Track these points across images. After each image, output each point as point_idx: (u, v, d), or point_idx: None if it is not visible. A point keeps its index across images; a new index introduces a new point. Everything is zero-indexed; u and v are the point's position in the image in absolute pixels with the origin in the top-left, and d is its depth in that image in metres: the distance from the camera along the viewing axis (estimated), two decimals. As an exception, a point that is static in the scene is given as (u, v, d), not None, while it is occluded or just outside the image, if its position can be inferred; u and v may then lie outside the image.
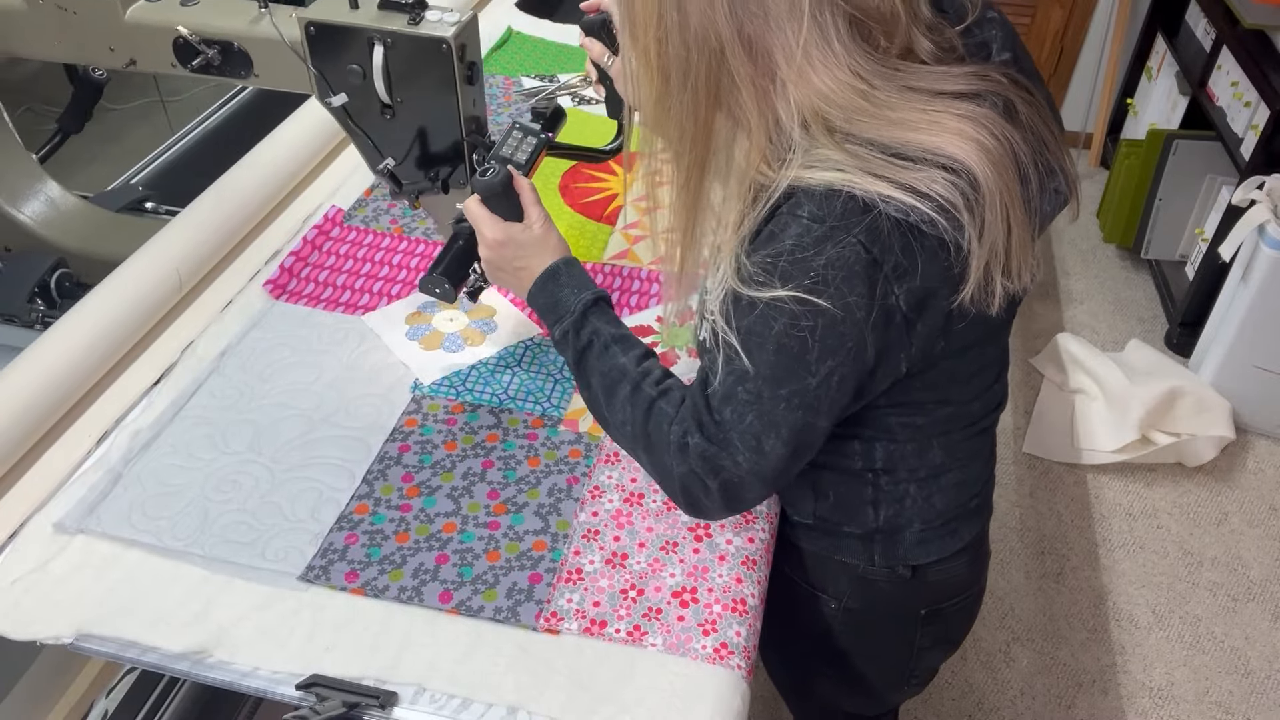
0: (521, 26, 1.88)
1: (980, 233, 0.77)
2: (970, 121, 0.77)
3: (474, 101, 1.05)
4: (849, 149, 0.76)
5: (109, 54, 1.09)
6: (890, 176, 0.75)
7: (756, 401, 0.82)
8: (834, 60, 0.76)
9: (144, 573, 0.93)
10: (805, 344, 0.79)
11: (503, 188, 0.97)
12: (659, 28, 0.78)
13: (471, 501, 1.00)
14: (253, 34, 1.05)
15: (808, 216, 0.77)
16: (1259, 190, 2.18)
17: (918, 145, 0.76)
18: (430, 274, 1.01)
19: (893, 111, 0.77)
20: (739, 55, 0.77)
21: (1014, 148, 0.79)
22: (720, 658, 0.87)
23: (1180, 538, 2.16)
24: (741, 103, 0.79)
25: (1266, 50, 2.29)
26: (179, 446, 1.05)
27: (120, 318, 1.13)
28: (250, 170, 1.36)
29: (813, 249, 0.77)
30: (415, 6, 0.98)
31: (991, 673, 1.90)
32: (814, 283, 0.77)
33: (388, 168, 1.08)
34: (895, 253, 0.76)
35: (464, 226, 1.03)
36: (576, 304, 0.95)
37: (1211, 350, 2.37)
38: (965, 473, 1.00)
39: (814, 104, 0.77)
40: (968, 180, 0.76)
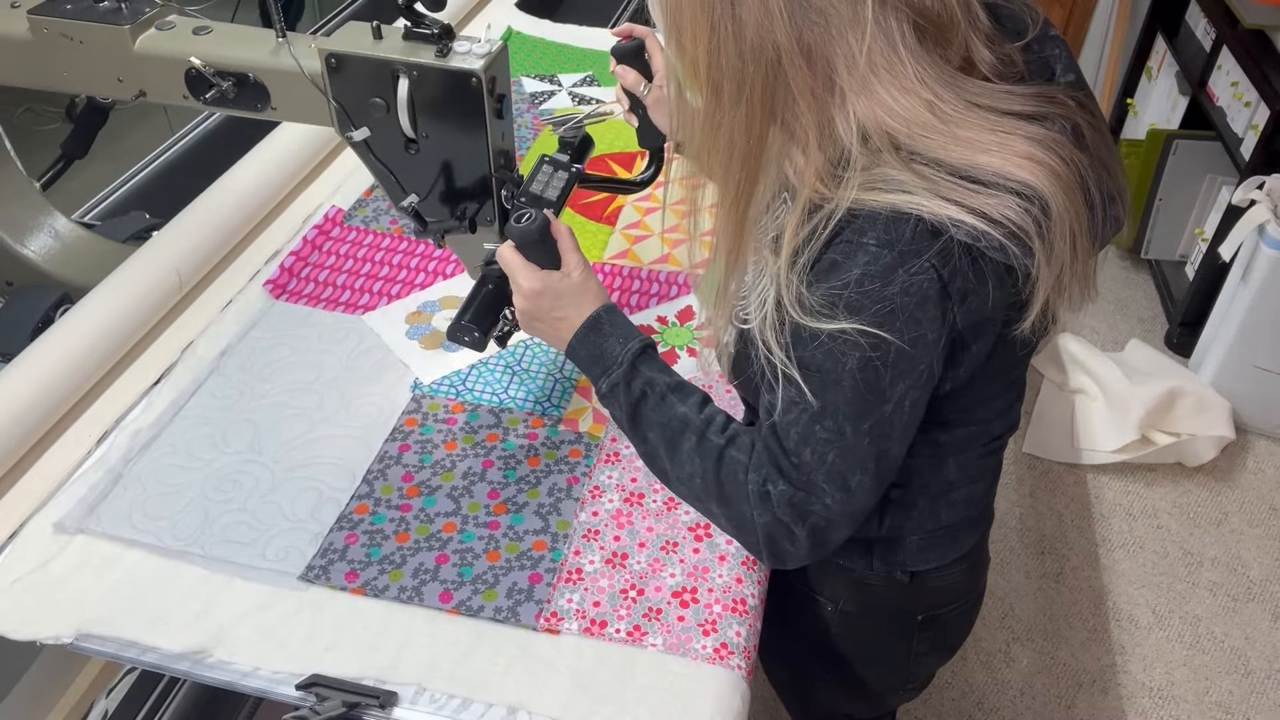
0: (521, 26, 1.88)
1: (1049, 260, 0.75)
2: (1041, 146, 0.74)
3: (503, 135, 0.99)
4: (916, 169, 0.73)
5: (118, 85, 1.03)
6: (961, 200, 0.72)
7: (838, 439, 0.79)
8: (900, 69, 0.73)
9: (144, 573, 0.93)
10: (879, 374, 0.76)
11: (540, 234, 0.91)
12: (711, 38, 0.74)
13: (471, 501, 1.00)
14: (270, 65, 0.99)
15: (875, 243, 0.74)
16: (1259, 190, 2.17)
17: (988, 168, 0.73)
18: (459, 321, 0.95)
19: (960, 130, 0.74)
20: (797, 65, 0.73)
21: (1082, 174, 0.76)
22: (720, 658, 0.87)
23: (1180, 538, 2.16)
24: (798, 115, 0.75)
25: (1266, 50, 2.29)
26: (179, 446, 1.05)
27: (120, 318, 1.13)
28: (251, 170, 1.36)
29: (882, 278, 0.74)
30: (442, 36, 0.93)
31: (991, 673, 1.90)
32: (886, 313, 0.74)
33: (411, 205, 1.03)
34: (962, 277, 0.74)
35: (493, 269, 0.97)
36: (624, 354, 0.90)
37: (1211, 350, 2.37)
38: (974, 489, 0.99)
39: (877, 116, 0.74)
40: (1039, 207, 0.73)
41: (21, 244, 1.30)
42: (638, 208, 1.42)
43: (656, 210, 1.41)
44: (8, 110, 1.54)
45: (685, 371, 1.14)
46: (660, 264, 1.31)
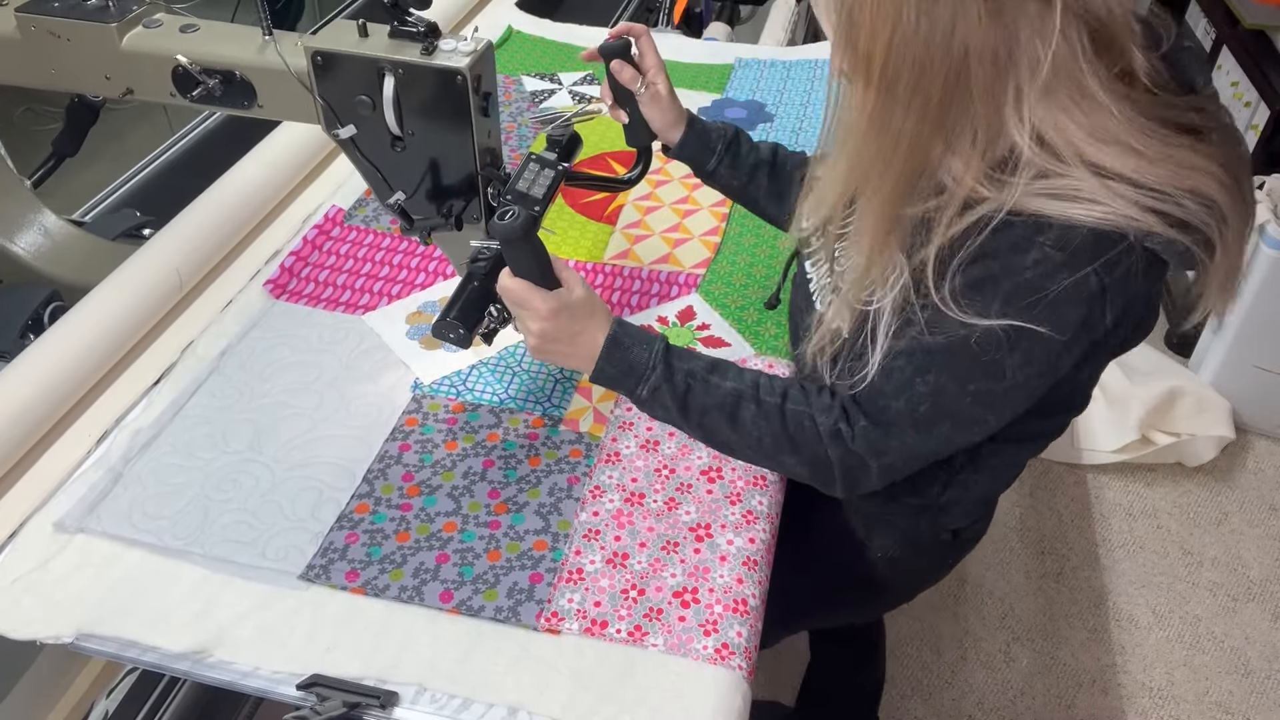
0: (522, 26, 1.87)
1: (1226, 260, 0.78)
2: (1208, 159, 0.76)
3: (489, 133, 1.00)
4: (1104, 180, 0.75)
5: (105, 83, 1.03)
6: (1154, 207, 0.74)
7: (937, 395, 0.83)
8: (1080, 77, 0.75)
9: (144, 572, 0.93)
10: (1007, 356, 0.79)
11: (523, 232, 0.90)
12: (894, 31, 0.74)
13: (472, 501, 1.00)
14: (256, 63, 1.00)
15: (1051, 245, 0.76)
16: (1259, 190, 2.18)
17: (1167, 180, 0.75)
18: (443, 318, 0.95)
19: (1133, 139, 0.75)
20: (984, 65, 0.73)
21: (1240, 181, 0.79)
22: (721, 658, 0.87)
23: (1180, 538, 2.16)
24: (970, 114, 0.76)
25: (1266, 50, 2.29)
26: (179, 446, 1.05)
27: (120, 318, 1.13)
28: (251, 170, 1.36)
29: (1047, 277, 0.76)
30: (428, 35, 0.93)
31: (991, 673, 1.90)
32: (1040, 309, 0.77)
33: (398, 202, 1.03)
34: (1126, 281, 0.77)
35: (478, 266, 0.98)
36: (653, 358, 0.94)
37: (1211, 350, 2.37)
38: (1020, 464, 1.05)
39: (1058, 121, 0.75)
40: (1219, 215, 0.76)
41: (10, 241, 1.30)
42: (638, 207, 1.42)
43: (657, 210, 1.41)
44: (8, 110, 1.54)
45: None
46: (660, 264, 1.31)
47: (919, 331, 0.82)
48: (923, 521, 1.08)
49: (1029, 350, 0.79)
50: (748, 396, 0.93)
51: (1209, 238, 0.76)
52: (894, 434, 0.87)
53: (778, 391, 0.93)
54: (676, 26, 2.18)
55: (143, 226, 1.43)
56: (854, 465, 0.90)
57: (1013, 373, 0.81)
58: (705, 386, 0.94)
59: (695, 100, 1.65)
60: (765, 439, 0.92)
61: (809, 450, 0.91)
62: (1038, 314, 0.77)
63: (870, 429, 0.87)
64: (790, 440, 0.91)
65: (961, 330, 0.80)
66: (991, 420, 0.86)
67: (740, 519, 0.98)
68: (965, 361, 0.81)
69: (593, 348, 0.94)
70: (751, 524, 0.98)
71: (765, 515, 0.99)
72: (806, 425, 0.90)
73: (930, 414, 0.85)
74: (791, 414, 0.91)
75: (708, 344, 1.18)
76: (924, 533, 1.09)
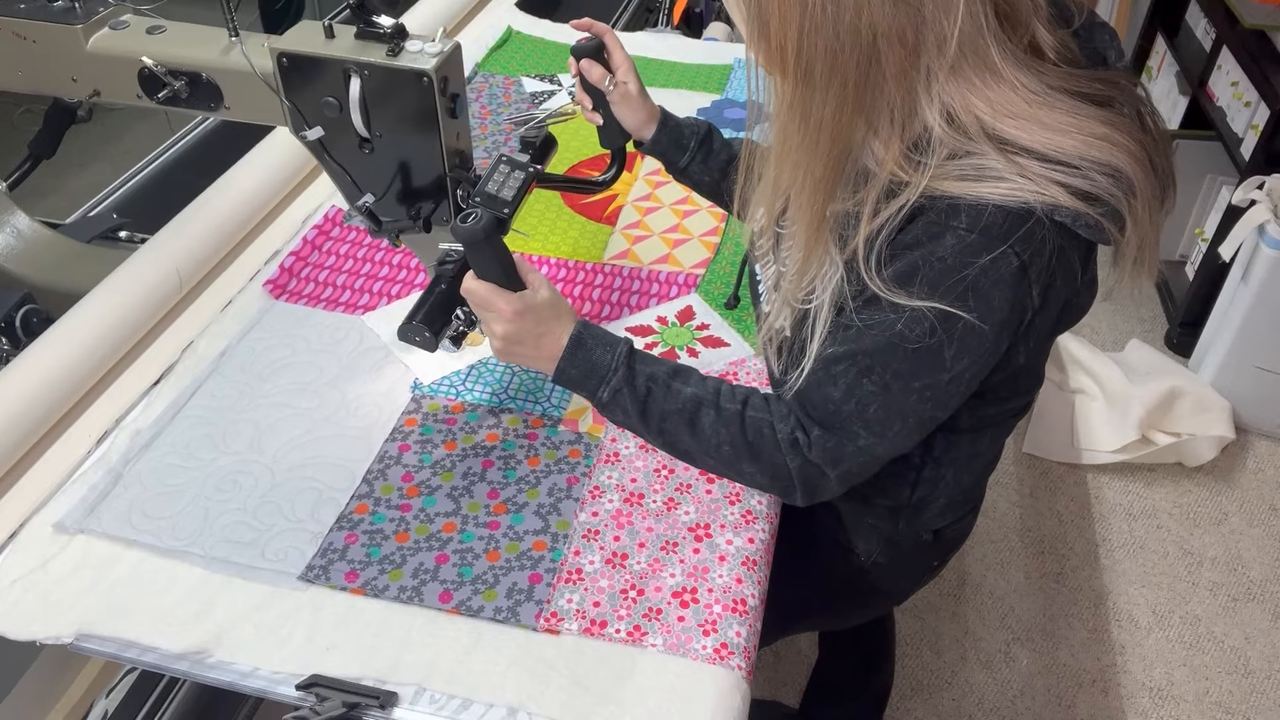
0: (521, 26, 1.87)
1: (1136, 234, 0.79)
2: (1115, 128, 0.77)
3: (458, 135, 0.99)
4: (1010, 156, 0.76)
5: (71, 85, 1.03)
6: (1060, 180, 0.75)
7: (884, 393, 0.84)
8: (985, 52, 0.75)
9: (144, 573, 0.93)
10: (944, 345, 0.80)
11: (485, 234, 0.89)
12: (804, 21, 0.75)
13: (471, 501, 1.00)
14: (222, 65, 0.99)
15: (964, 227, 0.77)
16: (1259, 190, 2.17)
17: (1073, 151, 0.76)
18: (409, 321, 0.94)
19: (1041, 113, 0.76)
20: (893, 46, 0.74)
21: (1150, 153, 0.80)
22: (720, 658, 0.87)
23: (1180, 538, 2.16)
24: (885, 95, 0.77)
25: (1266, 50, 2.29)
26: (179, 446, 1.05)
27: (120, 318, 1.13)
28: (250, 170, 1.36)
29: (966, 259, 0.77)
30: (394, 36, 0.93)
31: (991, 673, 1.90)
32: (962, 291, 0.77)
33: (366, 205, 1.03)
34: (1046, 255, 0.77)
35: (445, 269, 0.97)
36: (615, 361, 0.94)
37: (1211, 350, 2.37)
38: (994, 454, 1.06)
39: (965, 98, 0.76)
40: (1127, 185, 0.77)
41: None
42: (638, 208, 1.42)
43: (657, 210, 1.41)
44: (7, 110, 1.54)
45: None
46: (660, 264, 1.31)
47: (858, 333, 0.83)
48: (901, 523, 1.07)
49: (963, 336, 0.79)
50: (708, 403, 0.92)
51: (1117, 209, 0.77)
52: (848, 439, 0.87)
53: (739, 399, 0.92)
54: (676, 26, 2.18)
55: (119, 229, 1.42)
56: (812, 475, 0.90)
57: (951, 362, 0.81)
58: (666, 391, 0.93)
59: (695, 100, 1.65)
60: (725, 446, 0.92)
61: (768, 459, 0.91)
62: (964, 297, 0.78)
63: (824, 436, 0.87)
64: (750, 448, 0.91)
65: (897, 325, 0.80)
66: (939, 415, 0.87)
67: (739, 519, 0.98)
68: (905, 356, 0.81)
69: (556, 349, 0.94)
70: (750, 524, 0.98)
71: (764, 515, 0.99)
72: (766, 433, 0.90)
73: (881, 414, 0.85)
74: (751, 421, 0.91)
75: (707, 344, 1.18)
76: (904, 535, 1.09)
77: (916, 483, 1.03)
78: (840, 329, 0.86)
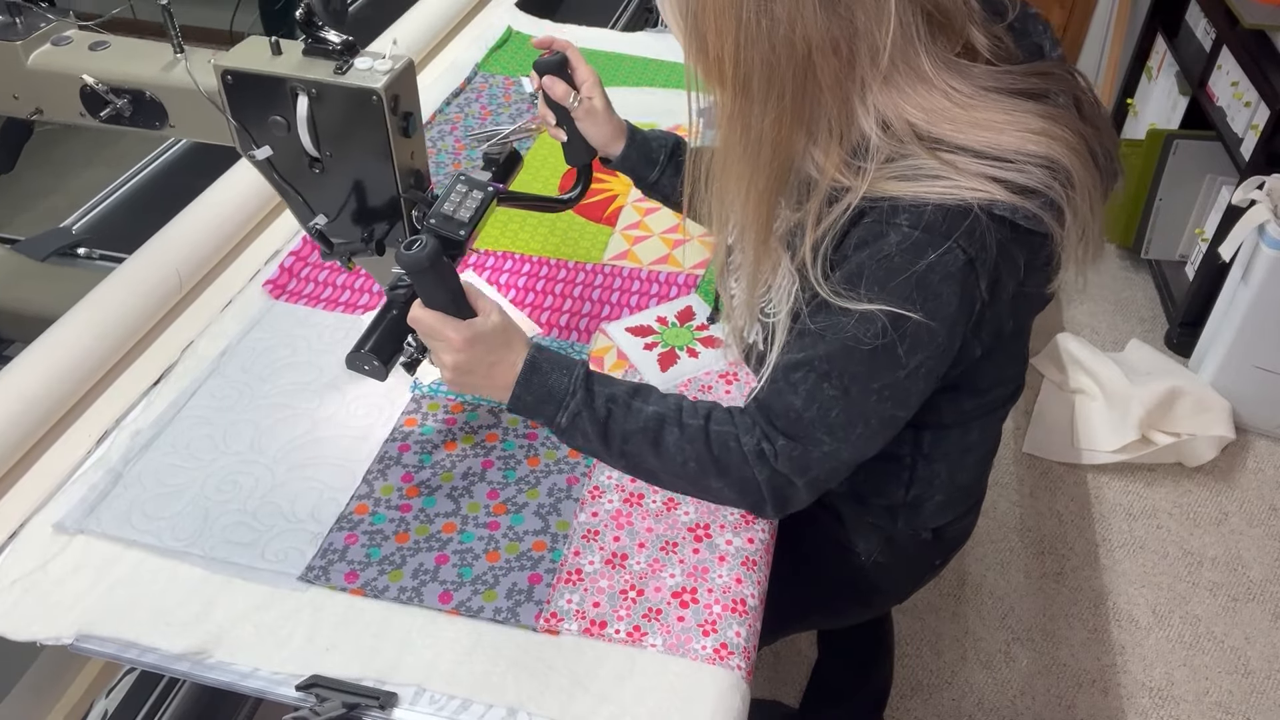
0: (522, 26, 1.87)
1: (1075, 222, 0.80)
2: (1051, 120, 0.79)
3: (412, 154, 0.95)
4: (943, 156, 0.77)
5: (13, 102, 0.99)
6: (996, 176, 0.76)
7: (844, 397, 0.84)
8: (916, 61, 0.77)
9: (144, 573, 0.93)
10: (897, 344, 0.80)
11: (430, 262, 0.85)
12: (738, 33, 0.76)
13: (471, 501, 1.00)
14: (166, 82, 0.96)
15: (907, 224, 0.77)
16: (1259, 190, 2.17)
17: (1009, 146, 0.77)
18: (357, 350, 0.90)
19: (976, 113, 0.78)
20: (827, 57, 0.75)
21: (1088, 142, 0.81)
22: (720, 658, 0.87)
23: (1180, 538, 2.16)
24: (823, 106, 0.78)
25: (1266, 50, 2.29)
26: (179, 446, 1.05)
27: (120, 318, 1.13)
28: (250, 170, 1.35)
29: (911, 256, 0.77)
30: (343, 52, 0.89)
31: (991, 673, 1.90)
32: (913, 290, 0.78)
33: (316, 227, 0.98)
34: (989, 250, 0.78)
35: (397, 294, 0.93)
36: (573, 384, 0.91)
37: (1211, 350, 2.37)
38: (988, 448, 1.06)
39: (897, 105, 0.78)
40: (1064, 176, 0.78)
41: (-70, 262, 1.24)
42: (638, 209, 1.42)
43: (657, 211, 1.41)
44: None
45: (689, 372, 1.14)
46: (660, 264, 1.31)
47: (814, 340, 0.83)
48: (899, 522, 1.07)
49: (914, 333, 0.80)
50: (671, 420, 0.90)
51: (1054, 200, 0.78)
52: (813, 446, 0.86)
53: (701, 414, 0.91)
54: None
55: (76, 245, 1.38)
56: (781, 485, 0.89)
57: (906, 358, 0.81)
58: (627, 411, 0.91)
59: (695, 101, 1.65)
60: (690, 463, 0.90)
61: (735, 472, 0.89)
62: (912, 295, 0.78)
63: (790, 445, 0.86)
64: (716, 463, 0.89)
65: (850, 328, 0.80)
66: (900, 413, 0.87)
67: (739, 519, 0.98)
68: (860, 358, 0.81)
69: (510, 377, 0.91)
70: (750, 524, 0.98)
71: (764, 516, 0.99)
72: (732, 446, 0.89)
73: (842, 419, 0.84)
74: (716, 435, 0.89)
75: (707, 344, 1.18)
76: (903, 534, 1.09)
77: (911, 481, 1.03)
78: (798, 337, 0.86)
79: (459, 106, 1.63)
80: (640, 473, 0.95)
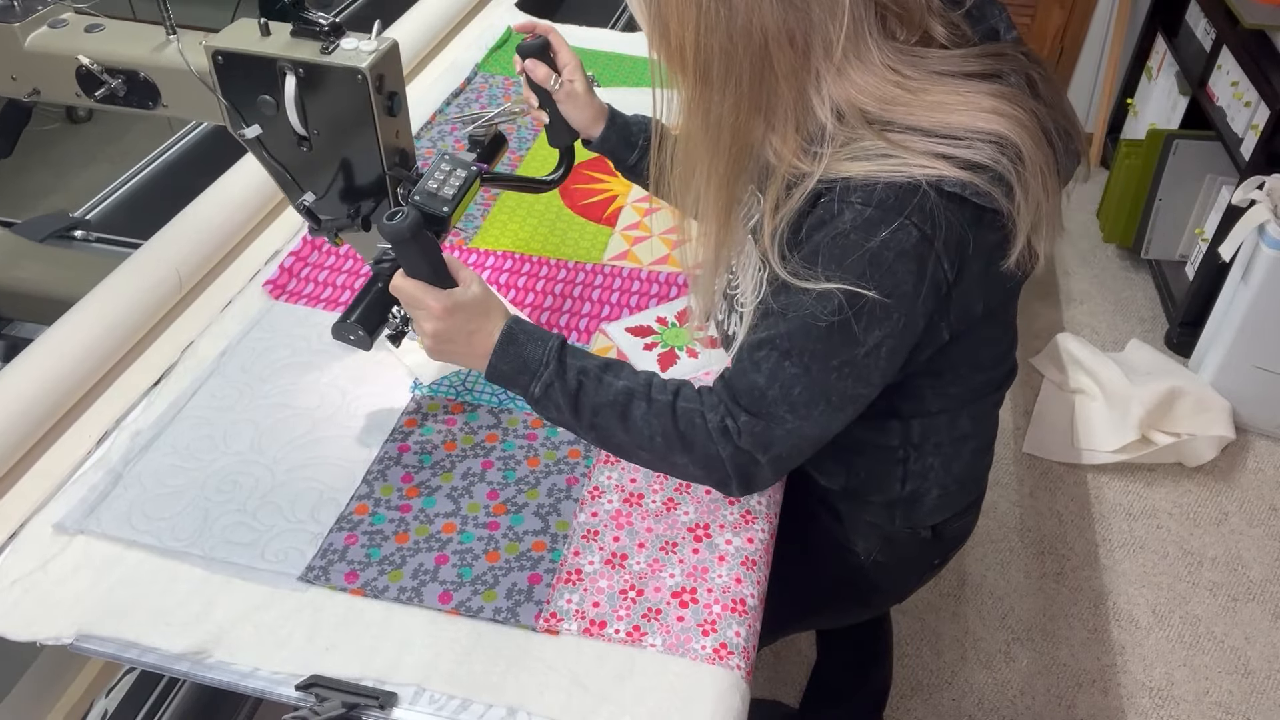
0: (521, 26, 1.87)
1: (1027, 198, 0.81)
2: (1003, 99, 0.80)
3: (397, 133, 0.99)
4: (892, 137, 0.79)
5: (11, 83, 1.02)
6: (946, 153, 0.78)
7: (805, 374, 0.84)
8: (868, 53, 0.79)
9: (144, 573, 0.93)
10: (853, 321, 0.81)
11: (411, 233, 0.88)
12: (700, 22, 0.78)
13: (471, 502, 1.00)
14: (159, 63, 0.98)
15: (859, 202, 0.79)
16: (1259, 190, 2.17)
17: (959, 125, 0.79)
18: (343, 320, 0.93)
19: (928, 96, 0.80)
20: (783, 48, 0.78)
21: (1041, 120, 0.83)
22: (720, 658, 0.87)
23: (1180, 538, 2.16)
24: (780, 95, 0.80)
25: (1266, 50, 2.29)
26: (179, 447, 1.05)
27: (120, 318, 1.13)
28: (250, 170, 1.36)
29: (865, 233, 0.79)
30: (330, 33, 0.91)
31: (991, 673, 1.90)
32: (867, 266, 0.79)
33: (304, 203, 1.01)
34: (945, 227, 0.79)
35: (382, 267, 0.96)
36: (547, 355, 0.93)
37: (1211, 350, 2.37)
38: (983, 439, 1.07)
39: (850, 95, 0.80)
40: (1013, 152, 0.79)
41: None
42: (637, 209, 1.42)
43: (656, 211, 1.41)
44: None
45: (689, 372, 1.14)
46: (660, 264, 1.31)
47: (776, 319, 0.85)
48: (898, 520, 1.08)
49: (871, 311, 0.81)
50: (639, 394, 0.92)
51: (1003, 175, 0.79)
52: (775, 423, 0.87)
53: (670, 390, 0.92)
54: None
55: (73, 228, 1.41)
56: (744, 462, 0.89)
57: (863, 335, 0.82)
58: (598, 385, 0.93)
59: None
60: (657, 437, 0.91)
61: (700, 449, 0.90)
62: (866, 272, 0.79)
63: (752, 422, 0.87)
64: (681, 438, 0.90)
65: (808, 306, 0.82)
66: (862, 390, 0.87)
67: (739, 519, 0.98)
68: (819, 335, 0.82)
69: (488, 346, 0.94)
70: (750, 524, 0.98)
71: (763, 515, 0.99)
72: (698, 423, 0.90)
73: (804, 396, 0.85)
74: (683, 411, 0.90)
75: (706, 344, 1.18)
76: (902, 533, 1.09)
77: (906, 475, 1.03)
78: (762, 317, 0.88)
79: (459, 106, 1.63)
80: (610, 446, 0.96)
